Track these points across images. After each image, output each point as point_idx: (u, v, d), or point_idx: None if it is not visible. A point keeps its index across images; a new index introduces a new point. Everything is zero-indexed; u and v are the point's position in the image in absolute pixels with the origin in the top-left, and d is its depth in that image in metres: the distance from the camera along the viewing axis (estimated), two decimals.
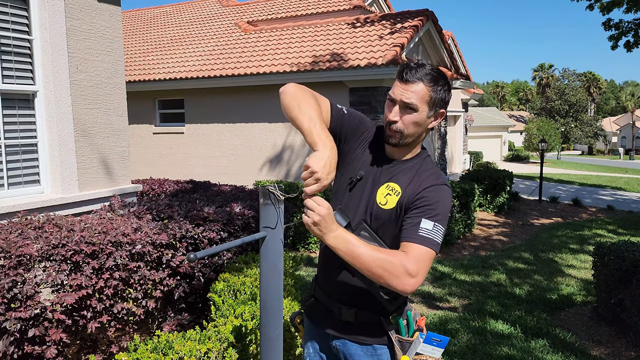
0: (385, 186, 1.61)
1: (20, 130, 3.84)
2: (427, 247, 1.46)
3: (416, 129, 1.57)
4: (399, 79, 1.56)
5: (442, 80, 1.57)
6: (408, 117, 1.55)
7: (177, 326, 3.12)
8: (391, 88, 1.59)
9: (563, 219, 10.60)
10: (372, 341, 1.65)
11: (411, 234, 1.48)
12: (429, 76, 1.54)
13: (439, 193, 1.56)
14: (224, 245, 1.40)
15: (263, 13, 13.40)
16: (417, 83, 1.53)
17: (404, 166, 1.64)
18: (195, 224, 3.41)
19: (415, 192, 1.56)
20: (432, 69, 1.56)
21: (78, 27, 4.09)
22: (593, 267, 4.82)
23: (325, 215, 1.40)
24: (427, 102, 1.54)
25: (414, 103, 1.53)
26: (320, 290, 1.76)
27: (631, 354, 3.99)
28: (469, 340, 4.11)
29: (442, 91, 1.56)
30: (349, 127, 1.67)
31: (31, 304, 2.37)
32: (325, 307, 1.73)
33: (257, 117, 9.96)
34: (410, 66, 1.56)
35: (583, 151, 53.65)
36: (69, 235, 2.69)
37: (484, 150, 28.44)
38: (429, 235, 1.47)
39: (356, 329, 1.66)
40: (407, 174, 1.61)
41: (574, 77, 52.11)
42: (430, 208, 1.52)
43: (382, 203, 1.60)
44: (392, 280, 1.41)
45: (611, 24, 12.85)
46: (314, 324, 1.79)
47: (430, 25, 10.37)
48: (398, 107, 1.56)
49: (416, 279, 1.41)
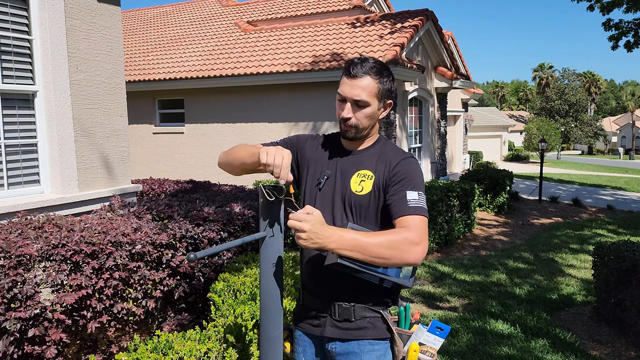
0: (356, 175, 1.66)
1: (20, 130, 3.84)
2: (420, 215, 1.51)
3: (369, 121, 1.65)
4: (346, 75, 1.62)
5: (386, 71, 1.64)
6: (360, 112, 1.62)
7: (177, 326, 3.12)
8: (339, 86, 1.65)
9: (563, 219, 10.60)
10: (370, 335, 1.64)
11: (401, 207, 1.53)
12: (374, 69, 1.60)
13: (410, 165, 1.63)
14: (224, 245, 1.40)
15: (263, 13, 13.40)
16: (365, 77, 1.59)
17: (367, 153, 1.70)
18: (195, 224, 3.41)
19: (388, 169, 1.62)
20: (376, 62, 1.63)
21: (78, 27, 4.09)
22: (593, 267, 4.82)
23: (310, 226, 1.38)
24: (375, 95, 1.61)
25: (364, 100, 1.60)
26: (309, 296, 1.73)
27: (631, 354, 3.98)
28: (469, 340, 4.11)
29: (387, 82, 1.64)
30: (291, 147, 1.78)
31: (31, 304, 2.37)
32: (318, 310, 1.70)
33: (257, 116, 9.96)
34: (355, 62, 1.62)
35: (583, 151, 53.65)
36: (69, 235, 2.69)
37: (484, 150, 28.44)
38: (418, 204, 1.52)
39: (354, 325, 1.64)
40: (373, 158, 1.68)
41: (574, 77, 52.12)
42: (408, 179, 1.58)
43: (358, 190, 1.64)
44: (402, 256, 1.44)
45: (611, 24, 12.85)
46: (305, 333, 1.76)
47: (430, 25, 10.37)
48: (349, 104, 1.62)
49: (422, 246, 1.46)
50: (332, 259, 1.48)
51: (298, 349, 1.80)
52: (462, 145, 19.07)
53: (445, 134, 12.85)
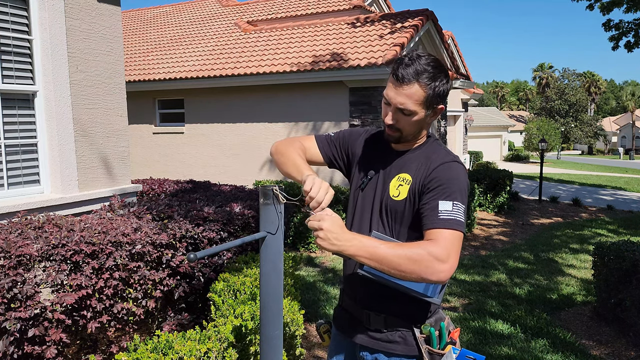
0: (396, 178, 1.56)
1: (20, 130, 3.84)
2: (451, 229, 1.37)
3: (415, 127, 1.53)
4: (393, 77, 1.48)
5: (440, 74, 1.46)
6: (405, 119, 1.49)
7: (177, 326, 3.12)
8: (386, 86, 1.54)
9: (563, 219, 10.59)
10: (401, 351, 1.56)
11: (432, 219, 1.40)
12: (425, 75, 1.43)
13: (450, 170, 1.47)
14: (224, 245, 1.40)
15: (263, 13, 13.40)
16: (412, 84, 1.44)
17: (413, 154, 1.58)
18: (195, 224, 3.41)
19: (426, 174, 1.49)
20: (428, 62, 1.45)
21: (78, 27, 4.09)
22: (593, 267, 4.82)
23: (329, 226, 1.33)
24: (423, 103, 1.46)
25: (408, 108, 1.46)
26: (347, 299, 1.70)
27: (631, 354, 3.98)
28: (469, 340, 4.11)
29: (440, 86, 1.46)
30: (342, 142, 1.74)
31: (31, 304, 2.37)
32: (353, 315, 1.65)
33: (257, 117, 9.95)
34: (405, 62, 1.46)
35: (583, 151, 53.65)
36: (69, 235, 2.69)
37: (484, 150, 28.45)
38: (450, 217, 1.38)
39: (385, 337, 1.57)
40: (416, 161, 1.56)
41: (574, 77, 52.16)
42: (444, 187, 1.43)
43: (394, 195, 1.54)
44: (424, 272, 1.31)
45: (611, 24, 12.84)
46: (342, 334, 1.72)
47: (430, 25, 10.37)
48: (393, 109, 1.50)
49: (449, 264, 1.32)
50: (355, 267, 1.44)
51: (331, 346, 1.79)
52: (462, 145, 19.07)
53: (445, 134, 12.85)
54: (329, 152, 1.75)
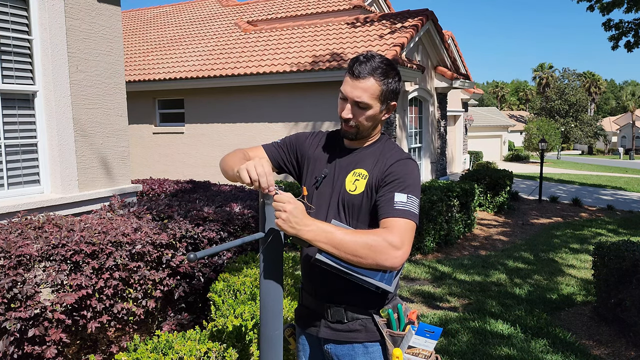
0: (352, 173, 1.63)
1: (20, 130, 3.84)
2: (405, 219, 1.45)
3: (370, 123, 1.61)
4: (349, 74, 1.56)
5: (393, 71, 1.57)
6: (361, 113, 1.57)
7: (177, 326, 3.12)
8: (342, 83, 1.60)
9: (563, 219, 10.60)
10: (363, 338, 1.62)
11: (388, 209, 1.48)
12: (379, 70, 1.53)
13: (406, 167, 1.57)
14: (224, 245, 1.40)
15: (263, 13, 13.40)
16: (368, 78, 1.53)
17: (367, 151, 1.66)
18: (195, 224, 3.41)
19: (382, 170, 1.57)
20: (382, 61, 1.56)
21: (78, 27, 4.09)
22: (593, 267, 4.82)
23: (292, 209, 1.39)
24: (378, 97, 1.56)
25: (365, 102, 1.54)
26: (307, 296, 1.74)
27: (631, 354, 3.98)
28: (469, 340, 4.11)
29: (393, 83, 1.57)
30: (290, 146, 1.80)
31: (31, 304, 2.37)
32: (314, 311, 1.69)
33: (257, 116, 9.96)
34: (360, 60, 1.55)
35: (583, 151, 53.65)
36: (69, 235, 2.69)
37: (484, 150, 28.44)
38: (405, 207, 1.47)
39: (347, 327, 1.63)
40: (372, 157, 1.63)
41: (574, 77, 52.17)
42: (400, 181, 1.53)
43: (351, 190, 1.61)
44: (379, 258, 1.39)
45: (611, 24, 12.84)
46: (305, 331, 1.77)
47: (430, 24, 10.37)
48: (350, 104, 1.57)
49: (402, 251, 1.40)
50: (312, 253, 1.47)
51: (299, 346, 1.82)
52: (462, 145, 19.08)
53: (445, 134, 12.85)
54: (277, 156, 1.81)
